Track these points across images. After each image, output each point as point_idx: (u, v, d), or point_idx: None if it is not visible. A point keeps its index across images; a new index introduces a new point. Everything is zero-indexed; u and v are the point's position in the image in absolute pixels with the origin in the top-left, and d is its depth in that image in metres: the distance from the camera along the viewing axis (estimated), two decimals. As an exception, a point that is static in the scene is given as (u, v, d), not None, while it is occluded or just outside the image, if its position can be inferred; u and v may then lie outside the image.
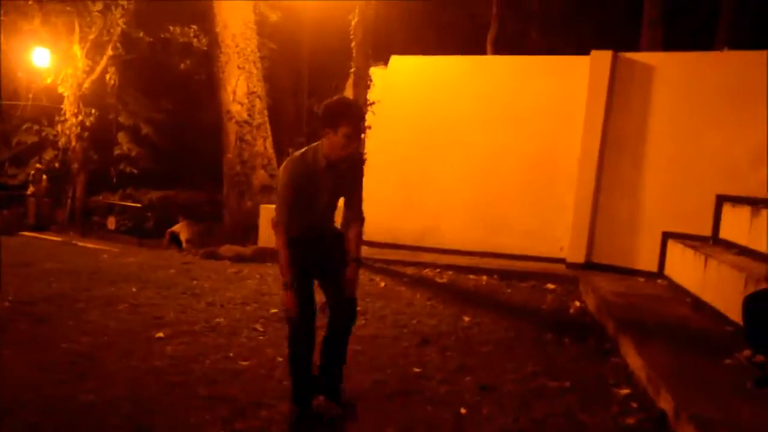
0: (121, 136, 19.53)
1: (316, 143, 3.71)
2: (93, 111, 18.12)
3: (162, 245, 11.61)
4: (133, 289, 7.16)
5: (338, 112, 3.59)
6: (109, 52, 17.98)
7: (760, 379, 4.30)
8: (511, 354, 5.35)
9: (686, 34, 15.28)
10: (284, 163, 3.74)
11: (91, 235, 15.69)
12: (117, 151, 19.38)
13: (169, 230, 11.72)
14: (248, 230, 10.30)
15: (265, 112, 11.67)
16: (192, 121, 18.59)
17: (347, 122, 3.55)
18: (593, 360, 5.27)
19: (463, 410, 4.13)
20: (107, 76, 18.02)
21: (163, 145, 19.63)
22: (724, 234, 7.66)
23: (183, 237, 11.03)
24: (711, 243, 7.70)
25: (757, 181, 7.69)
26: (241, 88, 11.24)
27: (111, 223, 16.11)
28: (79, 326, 5.64)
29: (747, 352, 4.62)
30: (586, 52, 9.05)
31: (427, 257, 9.21)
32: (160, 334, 5.44)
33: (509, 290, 7.85)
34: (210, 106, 13.14)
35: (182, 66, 18.34)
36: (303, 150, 3.75)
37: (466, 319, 6.38)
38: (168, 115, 19.54)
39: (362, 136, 3.71)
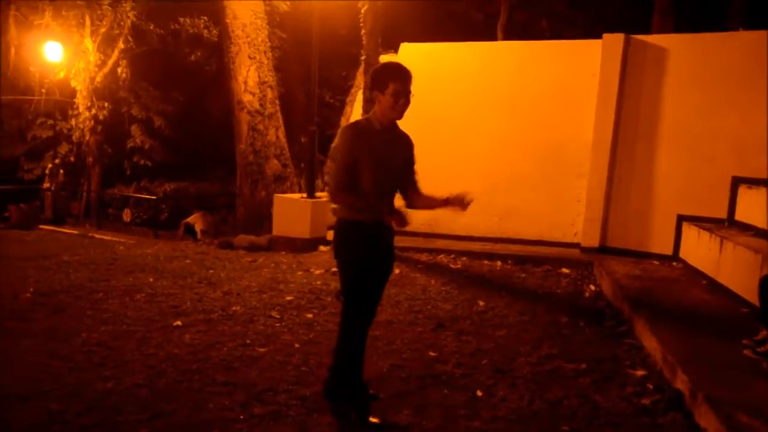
0: (134, 129, 19.65)
1: (366, 115, 3.73)
2: (106, 104, 18.24)
3: (177, 236, 11.70)
4: (150, 279, 7.22)
5: (384, 73, 3.62)
6: (121, 45, 18.06)
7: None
8: (525, 337, 5.36)
9: (697, 18, 15.13)
10: (339, 131, 3.72)
11: (107, 227, 15.83)
12: (130, 144, 19.53)
13: (184, 221, 11.80)
14: (262, 220, 10.34)
15: (277, 101, 11.70)
16: (204, 112, 18.70)
17: (393, 80, 3.55)
18: (608, 342, 5.28)
19: (478, 392, 4.15)
20: (119, 69, 18.11)
21: (175, 137, 19.74)
22: (739, 216, 7.61)
23: (198, 228, 11.11)
24: (726, 225, 7.66)
25: (772, 162, 7.62)
26: (252, 78, 11.26)
27: (126, 215, 16.26)
28: (97, 316, 5.70)
29: (764, 333, 4.60)
30: (597, 37, 8.98)
31: (441, 244, 9.21)
32: (178, 323, 5.50)
33: (524, 275, 7.85)
34: (221, 97, 13.19)
35: (193, 57, 18.39)
36: (354, 121, 3.77)
37: (481, 303, 6.39)
38: (180, 107, 19.64)
39: (410, 96, 3.65)
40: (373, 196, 3.61)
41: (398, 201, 3.77)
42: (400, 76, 3.58)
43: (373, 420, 3.67)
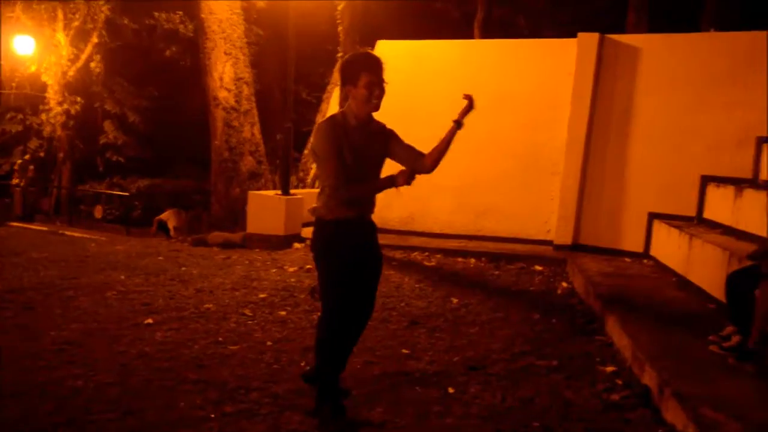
0: (107, 125, 19.43)
1: (341, 110, 3.63)
2: (78, 99, 17.99)
3: (150, 233, 11.60)
4: (122, 277, 7.16)
5: (354, 64, 3.51)
6: (94, 39, 17.84)
7: (741, 353, 4.36)
8: (499, 334, 5.40)
9: (671, 17, 15.33)
10: (315, 128, 3.60)
11: (78, 224, 15.63)
12: (103, 140, 19.30)
13: (157, 218, 11.71)
14: (236, 217, 10.29)
15: (253, 98, 11.64)
16: (179, 109, 18.55)
17: (365, 70, 3.45)
18: (580, 339, 5.33)
19: (451, 390, 4.17)
20: (92, 64, 17.88)
21: (149, 133, 19.56)
22: (708, 214, 7.74)
23: (171, 225, 11.03)
24: (695, 223, 7.78)
25: (741, 162, 7.75)
26: (228, 74, 11.19)
27: (98, 212, 16.07)
28: (67, 313, 5.63)
29: (729, 329, 4.68)
30: (572, 36, 9.06)
31: (415, 241, 9.24)
32: (149, 321, 5.45)
33: (497, 272, 7.90)
34: (197, 93, 13.09)
35: (168, 53, 18.21)
36: (329, 116, 3.66)
37: (455, 300, 6.42)
38: (155, 103, 19.47)
39: (384, 85, 3.56)
40: (352, 201, 3.58)
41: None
42: (372, 66, 3.48)
43: (346, 417, 3.67)
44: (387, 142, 3.73)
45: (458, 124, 3.67)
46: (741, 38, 8.30)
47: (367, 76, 3.45)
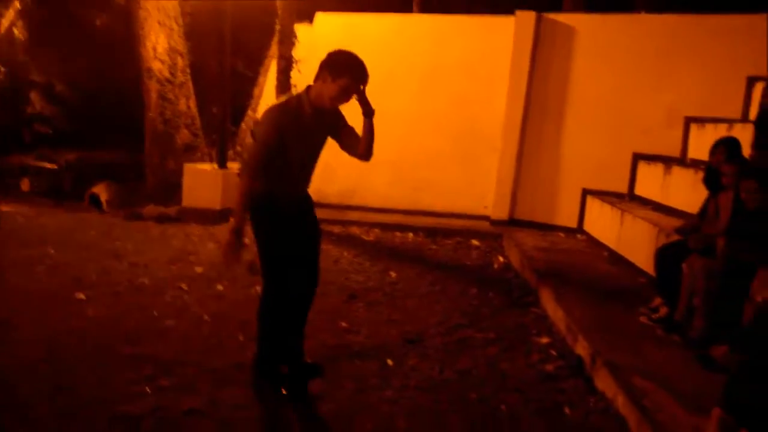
0: (34, 95, 18.67)
1: (296, 93, 3.58)
2: (1, 68, 17.21)
3: (81, 207, 11.22)
4: (51, 251, 6.90)
5: (346, 63, 3.49)
6: (16, 5, 17.04)
7: (669, 325, 4.54)
8: (436, 308, 5.46)
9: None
10: (265, 111, 3.56)
11: (4, 197, 15.00)
12: (29, 110, 18.55)
13: (89, 191, 11.31)
14: (172, 190, 10.03)
15: (188, 70, 11.33)
16: (113, 79, 17.90)
17: (350, 74, 3.45)
18: (516, 312, 5.44)
19: (389, 362, 4.21)
20: (15, 31, 17.10)
21: (80, 104, 18.85)
22: (639, 191, 7.97)
23: (103, 198, 10.67)
24: (627, 199, 8.01)
25: (671, 141, 7.99)
26: (162, 44, 10.87)
27: (25, 184, 15.41)
28: (-7, 289, 5.43)
29: (658, 301, 4.86)
30: (510, 13, 9.12)
31: (353, 215, 9.23)
32: (81, 296, 5.29)
33: (435, 247, 7.97)
34: (130, 64, 12.67)
35: (98, 21, 17.56)
36: (282, 99, 3.61)
37: (393, 274, 6.46)
38: (86, 73, 18.75)
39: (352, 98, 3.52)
40: (295, 172, 3.60)
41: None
42: (359, 74, 3.50)
43: (284, 391, 3.67)
44: (337, 127, 3.71)
45: (368, 114, 3.64)
46: (669, 20, 8.51)
47: (349, 80, 3.46)
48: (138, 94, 11.36)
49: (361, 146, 3.68)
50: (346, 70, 3.45)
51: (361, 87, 3.53)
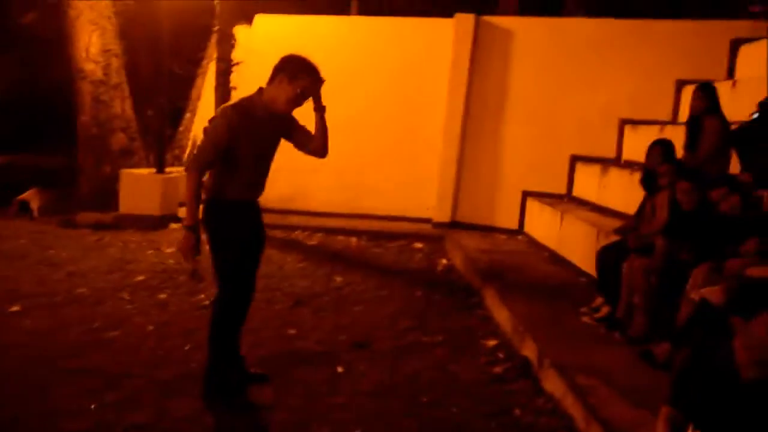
0: (-43, 97, 17.88)
1: (247, 96, 3.59)
2: None
3: (9, 214, 10.79)
4: (-21, 262, 6.63)
5: (300, 64, 3.51)
6: (-63, 1, 16.30)
7: (611, 323, 4.66)
8: (383, 312, 5.47)
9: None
10: (219, 111, 3.57)
11: (-76, 205, 14.31)
12: (-48, 113, 17.76)
13: (18, 198, 10.88)
14: (108, 196, 9.74)
15: (123, 71, 11.03)
16: (42, 80, 17.27)
17: (307, 75, 3.48)
18: (462, 314, 5.50)
19: (339, 368, 4.20)
20: (-65, 29, 16.34)
21: (8, 106, 18.15)
22: (577, 192, 8.17)
23: (34, 205, 10.28)
24: (566, 200, 8.20)
25: (607, 142, 8.21)
26: (95, 45, 10.55)
27: (-53, 191, 14.73)
28: None
29: (599, 300, 4.98)
30: (449, 15, 9.21)
31: (296, 220, 9.15)
32: (16, 308, 5.09)
33: (379, 250, 7.98)
34: (61, 64, 12.25)
35: (26, 19, 16.94)
36: (235, 101, 3.62)
37: (338, 279, 6.44)
38: (12, 74, 18.06)
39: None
40: (247, 175, 3.61)
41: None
42: (315, 77, 3.52)
43: (236, 401, 3.62)
44: (289, 128, 3.74)
45: (320, 109, 3.69)
46: (602, 24, 8.76)
47: (305, 81, 3.48)
48: (70, 95, 10.99)
49: (315, 142, 3.74)
50: (302, 70, 3.50)
51: (316, 89, 3.58)
